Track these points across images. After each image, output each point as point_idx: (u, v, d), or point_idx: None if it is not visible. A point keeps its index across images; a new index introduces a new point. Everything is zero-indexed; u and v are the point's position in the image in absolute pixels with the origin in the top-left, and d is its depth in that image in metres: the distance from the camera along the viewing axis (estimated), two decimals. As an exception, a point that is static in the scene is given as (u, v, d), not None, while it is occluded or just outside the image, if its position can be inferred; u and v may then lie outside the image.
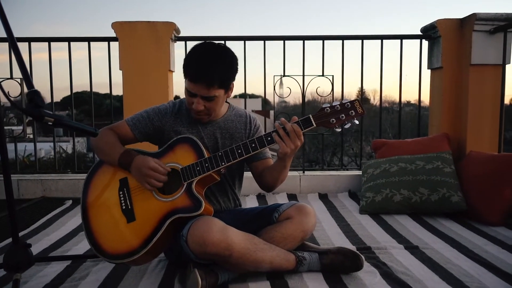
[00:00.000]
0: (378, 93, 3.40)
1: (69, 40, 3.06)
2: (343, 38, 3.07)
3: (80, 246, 1.99)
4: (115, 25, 2.95)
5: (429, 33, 3.05)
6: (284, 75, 3.11)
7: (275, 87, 3.12)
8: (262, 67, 3.12)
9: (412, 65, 3.15)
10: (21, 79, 3.04)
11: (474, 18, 2.76)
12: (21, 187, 3.04)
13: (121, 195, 1.53)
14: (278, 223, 1.61)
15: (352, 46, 3.14)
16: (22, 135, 3.33)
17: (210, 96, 1.51)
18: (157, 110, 1.67)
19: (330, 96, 3.21)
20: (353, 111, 1.43)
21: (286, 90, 3.15)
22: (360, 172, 2.95)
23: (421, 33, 3.11)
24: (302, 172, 3.15)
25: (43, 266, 1.72)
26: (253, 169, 1.72)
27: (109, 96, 3.32)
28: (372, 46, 3.13)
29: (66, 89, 3.20)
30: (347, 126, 1.45)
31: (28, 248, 1.44)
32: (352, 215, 2.48)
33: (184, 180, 1.48)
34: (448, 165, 2.50)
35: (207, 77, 1.47)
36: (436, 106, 3.11)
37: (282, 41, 3.09)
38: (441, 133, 2.90)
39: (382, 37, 3.08)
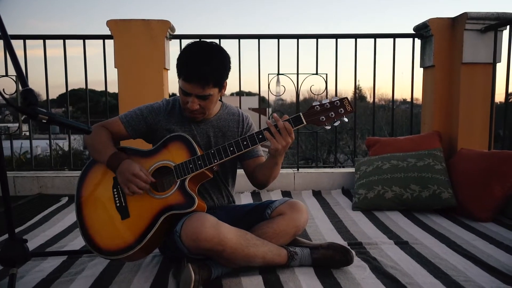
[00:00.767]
0: (374, 91, 3.43)
1: (64, 38, 3.08)
2: (337, 37, 3.10)
3: (76, 242, 2.01)
4: (110, 23, 2.96)
5: (422, 32, 3.09)
6: (279, 74, 3.14)
7: (272, 85, 3.14)
8: (254, 64, 3.16)
9: (408, 63, 3.19)
10: (16, 77, 3.06)
11: (466, 17, 2.80)
12: (17, 184, 3.06)
13: (115, 193, 1.56)
14: (271, 219, 1.64)
15: (348, 44, 3.17)
16: (18, 132, 3.34)
17: (205, 95, 1.54)
18: (151, 108, 1.69)
19: (324, 94, 3.24)
20: (342, 109, 1.46)
21: (281, 87, 3.19)
22: (353, 170, 2.99)
23: (414, 32, 3.15)
24: (296, 170, 3.19)
25: (39, 261, 1.75)
26: (246, 167, 1.75)
27: (106, 94, 3.34)
28: (368, 44, 3.16)
29: (63, 86, 3.22)
30: (337, 124, 1.48)
31: (24, 243, 1.47)
32: (345, 212, 2.52)
33: (177, 178, 1.51)
34: (439, 162, 2.54)
35: (202, 77, 1.50)
36: (428, 104, 3.15)
37: (277, 40, 3.12)
38: (433, 131, 2.95)
39: (376, 36, 3.11)
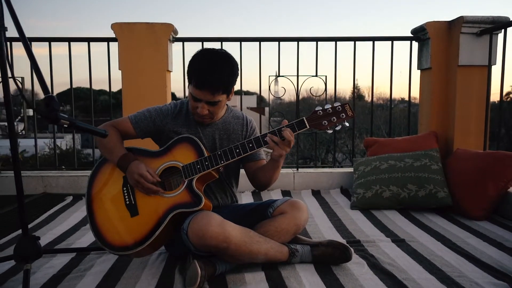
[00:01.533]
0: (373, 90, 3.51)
1: (69, 40, 3.14)
2: (336, 40, 3.17)
3: (83, 240, 2.08)
4: (115, 26, 3.02)
5: (419, 35, 3.16)
6: (279, 76, 3.21)
7: (270, 86, 3.21)
8: (256, 65, 3.23)
9: (405, 64, 3.27)
10: (22, 78, 3.12)
11: (462, 21, 2.87)
12: (25, 183, 3.09)
13: (125, 191, 1.63)
14: (273, 218, 1.71)
15: (347, 44, 3.23)
16: (23, 132, 3.40)
17: (214, 101, 1.61)
18: (159, 111, 1.76)
19: (324, 95, 3.31)
20: (344, 114, 1.53)
21: (281, 89, 3.26)
22: (352, 169, 3.06)
23: (411, 35, 3.22)
24: (296, 169, 3.26)
25: (49, 258, 1.81)
26: (248, 169, 1.82)
27: (104, 92, 3.46)
28: (367, 44, 3.23)
29: (61, 85, 3.30)
30: (338, 128, 1.55)
31: (37, 241, 1.53)
32: (344, 211, 2.59)
33: (185, 177, 1.58)
34: (435, 163, 2.61)
35: (212, 84, 1.56)
36: (426, 105, 3.22)
37: (277, 42, 3.19)
38: (430, 131, 3.02)
39: (374, 39, 3.18)
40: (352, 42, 3.20)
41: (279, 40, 3.18)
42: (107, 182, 1.68)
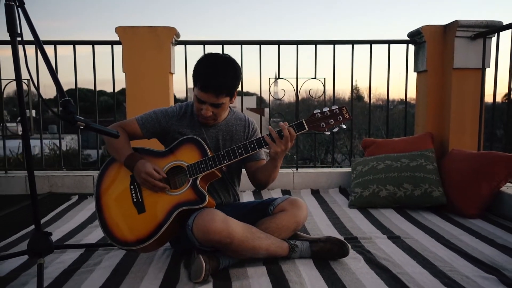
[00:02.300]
0: (372, 92, 3.59)
1: (74, 43, 3.22)
2: (335, 43, 3.26)
3: (91, 237, 2.15)
4: (119, 30, 3.10)
5: (415, 38, 3.25)
6: (279, 78, 3.29)
7: (270, 88, 3.29)
8: (256, 66, 3.30)
9: (402, 66, 3.34)
10: (28, 80, 3.19)
11: (457, 25, 2.95)
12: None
13: (132, 189, 1.70)
14: (273, 215, 1.79)
15: (346, 45, 3.31)
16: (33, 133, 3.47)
17: (218, 104, 1.69)
18: (165, 112, 1.84)
19: (323, 97, 3.39)
20: (341, 117, 1.61)
21: (281, 91, 3.34)
22: (350, 169, 3.14)
23: (408, 38, 3.30)
24: (296, 169, 3.34)
25: (59, 254, 1.89)
26: (248, 169, 1.90)
27: (103, 93, 3.51)
28: (365, 46, 3.31)
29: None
30: (335, 130, 1.63)
31: (49, 236, 1.61)
32: (342, 209, 2.67)
33: (190, 176, 1.66)
34: (431, 163, 2.69)
35: (217, 88, 1.65)
36: (422, 107, 3.30)
37: (277, 45, 3.27)
38: (426, 132, 3.10)
39: (371, 42, 3.27)
40: (351, 45, 3.28)
41: (279, 43, 3.26)
42: (115, 181, 1.76)
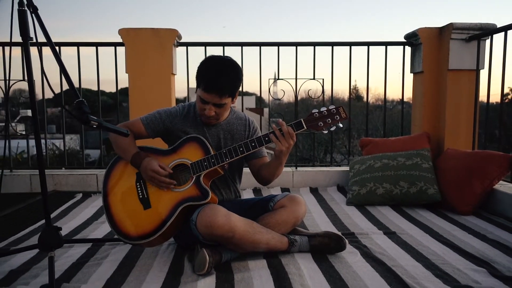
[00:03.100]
0: (371, 91, 3.67)
1: (78, 45, 3.29)
2: (333, 45, 3.33)
3: (97, 233, 2.23)
4: (122, 32, 3.18)
5: (411, 40, 3.32)
6: (278, 78, 3.36)
7: (270, 88, 3.37)
8: (255, 66, 3.38)
9: (399, 66, 3.43)
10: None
11: (452, 27, 3.03)
12: (33, 182, 3.27)
13: (138, 186, 1.78)
14: (273, 211, 1.87)
15: (344, 47, 3.39)
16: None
17: (221, 104, 1.77)
18: (169, 112, 1.91)
19: (322, 97, 3.47)
20: (338, 116, 1.69)
21: (280, 91, 3.41)
22: (348, 168, 3.21)
23: (404, 40, 3.38)
24: (295, 168, 3.41)
25: (68, 249, 1.96)
26: (251, 166, 1.97)
27: (102, 93, 3.53)
28: (363, 47, 3.38)
29: (57, 85, 3.36)
30: (333, 129, 1.71)
31: (59, 231, 1.68)
32: (340, 207, 2.75)
33: (194, 173, 1.73)
34: (426, 161, 2.77)
35: (220, 88, 1.72)
36: (418, 107, 3.38)
37: (277, 47, 3.34)
38: (422, 132, 3.18)
39: (369, 44, 3.34)
40: (349, 46, 3.36)
41: (279, 45, 3.33)
42: (121, 178, 1.83)
